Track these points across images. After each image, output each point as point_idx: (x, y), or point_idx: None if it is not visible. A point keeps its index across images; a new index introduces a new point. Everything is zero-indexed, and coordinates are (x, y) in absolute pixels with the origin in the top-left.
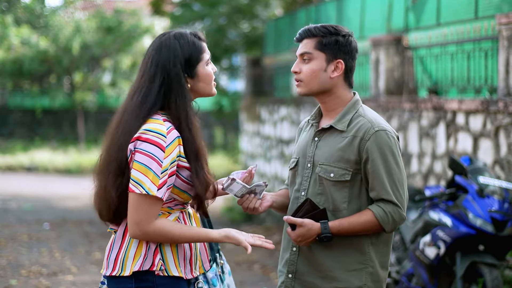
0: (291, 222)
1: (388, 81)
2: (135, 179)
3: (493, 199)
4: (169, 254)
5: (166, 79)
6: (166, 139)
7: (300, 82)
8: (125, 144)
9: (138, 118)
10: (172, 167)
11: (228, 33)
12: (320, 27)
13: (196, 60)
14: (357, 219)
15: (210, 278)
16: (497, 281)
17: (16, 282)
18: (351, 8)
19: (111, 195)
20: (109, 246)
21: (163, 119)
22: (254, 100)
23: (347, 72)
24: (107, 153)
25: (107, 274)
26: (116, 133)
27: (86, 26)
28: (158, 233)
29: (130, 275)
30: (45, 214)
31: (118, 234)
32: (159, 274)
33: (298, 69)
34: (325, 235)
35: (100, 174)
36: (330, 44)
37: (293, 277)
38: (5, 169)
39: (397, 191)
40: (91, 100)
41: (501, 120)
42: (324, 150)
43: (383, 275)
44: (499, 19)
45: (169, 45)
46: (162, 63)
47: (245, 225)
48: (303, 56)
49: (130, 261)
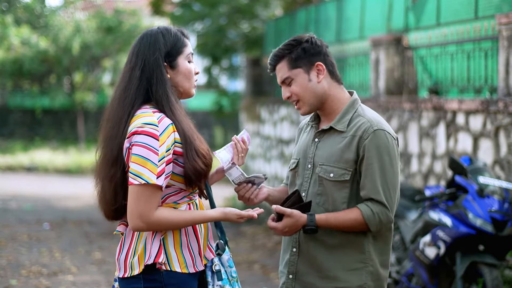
0: (280, 212)
1: (388, 81)
2: (134, 172)
3: (493, 199)
4: (172, 250)
5: (146, 66)
6: (159, 128)
7: (298, 102)
8: (116, 135)
9: (123, 106)
10: (168, 155)
11: (228, 33)
12: (282, 47)
13: (177, 51)
14: (344, 216)
15: (226, 260)
16: (497, 281)
17: (16, 282)
18: (351, 8)
19: (107, 188)
20: (118, 248)
21: (153, 111)
22: (254, 100)
23: (330, 70)
24: (102, 148)
25: (120, 276)
26: (107, 126)
27: (86, 26)
28: (160, 221)
29: (139, 274)
30: (45, 214)
31: (127, 236)
32: (160, 268)
33: (289, 93)
34: (310, 227)
35: (99, 170)
36: (300, 56)
37: (294, 278)
38: (5, 169)
39: (387, 192)
40: (91, 100)
41: (501, 120)
42: (324, 151)
43: (384, 274)
44: (499, 19)
45: (151, 35)
46: (142, 50)
47: (245, 225)
48: (284, 82)
49: (137, 261)
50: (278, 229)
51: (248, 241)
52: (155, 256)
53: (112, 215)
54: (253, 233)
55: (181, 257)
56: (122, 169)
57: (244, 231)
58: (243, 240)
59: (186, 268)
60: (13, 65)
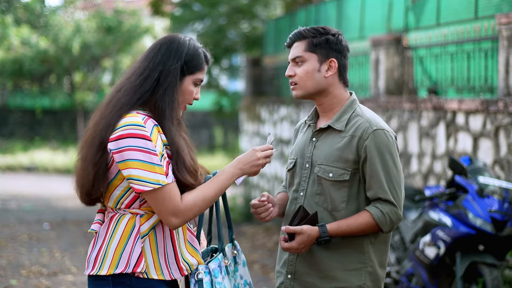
0: (290, 232)
1: (388, 81)
2: (138, 178)
3: (493, 199)
4: (149, 257)
5: (165, 71)
6: (146, 128)
7: (295, 85)
8: (113, 122)
9: (131, 97)
10: (165, 150)
11: (228, 33)
12: (309, 28)
13: (189, 70)
14: (354, 221)
15: (212, 269)
16: (497, 281)
17: (16, 282)
18: (351, 8)
19: (88, 170)
20: (90, 247)
21: (137, 112)
22: (254, 100)
23: (340, 71)
24: (94, 127)
25: (87, 273)
26: (107, 109)
27: (86, 26)
28: (192, 208)
29: (107, 276)
30: (45, 214)
31: (100, 234)
32: (138, 276)
33: (292, 72)
34: (324, 238)
35: (84, 147)
36: (321, 44)
37: (293, 278)
38: (5, 169)
39: (394, 191)
40: (91, 100)
41: (501, 120)
42: (323, 150)
43: (382, 274)
44: (499, 19)
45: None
46: (167, 53)
47: (245, 226)
48: (295, 60)
49: (108, 261)
50: (294, 248)
51: (248, 241)
52: (134, 265)
53: (87, 200)
54: (253, 233)
55: (158, 263)
56: (106, 158)
57: (244, 231)
58: (243, 240)
59: (162, 275)
60: (13, 65)
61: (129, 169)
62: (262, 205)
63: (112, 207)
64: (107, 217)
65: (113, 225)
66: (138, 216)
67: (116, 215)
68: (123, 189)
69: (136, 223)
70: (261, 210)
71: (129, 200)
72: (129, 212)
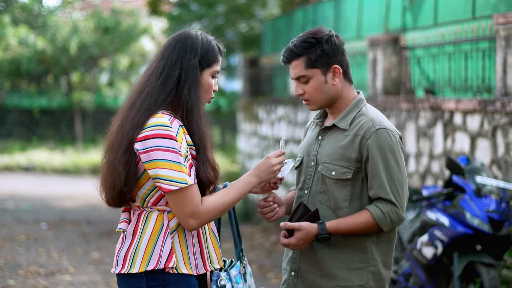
0: (289, 228)
1: (385, 81)
2: (166, 177)
3: (490, 199)
4: (179, 252)
5: (184, 68)
6: (172, 129)
7: (308, 101)
8: (141, 121)
9: (157, 98)
10: (189, 151)
11: (225, 33)
12: (301, 44)
13: (206, 63)
14: (354, 220)
15: (234, 276)
16: (495, 281)
17: (14, 282)
18: (349, 7)
19: (118, 171)
20: (118, 245)
21: (162, 113)
22: (252, 100)
23: (344, 70)
24: (119, 130)
25: (116, 271)
26: (131, 111)
27: (84, 26)
28: (211, 212)
29: (140, 273)
30: (43, 214)
31: (128, 233)
32: (169, 271)
33: (302, 91)
34: (323, 236)
35: (110, 150)
36: (319, 57)
37: (296, 275)
38: (2, 169)
39: (395, 191)
40: (88, 100)
41: (498, 120)
42: (327, 149)
43: (386, 274)
44: (497, 19)
45: (192, 38)
46: (184, 50)
47: (243, 225)
48: (299, 79)
49: (140, 258)
50: (292, 244)
51: (245, 241)
52: (165, 261)
53: (117, 201)
54: (250, 233)
55: (187, 258)
56: (136, 157)
57: (241, 231)
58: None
59: (191, 270)
60: (10, 65)
61: (156, 169)
62: (268, 205)
63: (138, 205)
64: (134, 215)
65: (142, 223)
66: (165, 213)
67: (144, 213)
68: (149, 188)
69: (165, 220)
70: (267, 210)
71: (155, 198)
72: (156, 209)
